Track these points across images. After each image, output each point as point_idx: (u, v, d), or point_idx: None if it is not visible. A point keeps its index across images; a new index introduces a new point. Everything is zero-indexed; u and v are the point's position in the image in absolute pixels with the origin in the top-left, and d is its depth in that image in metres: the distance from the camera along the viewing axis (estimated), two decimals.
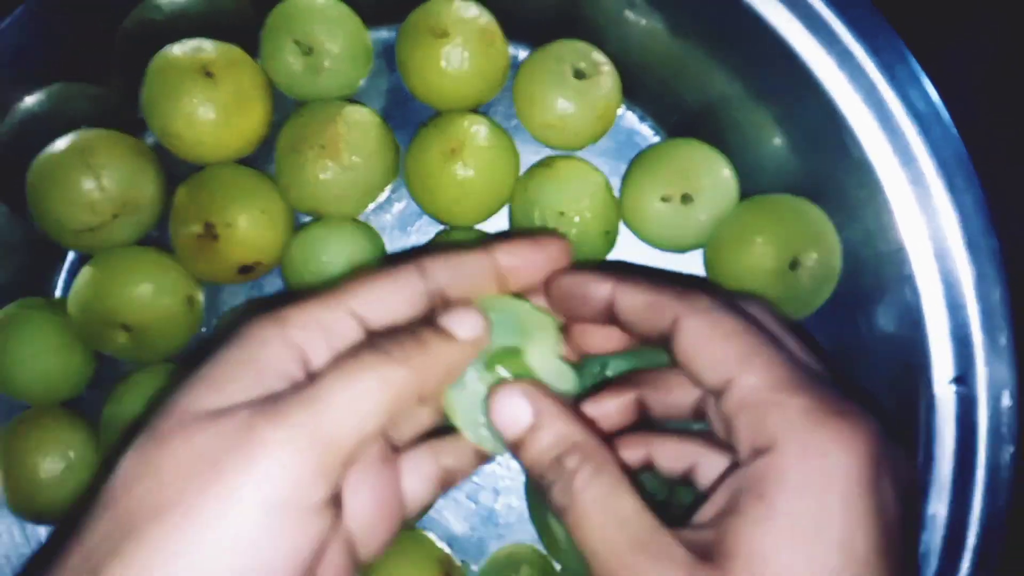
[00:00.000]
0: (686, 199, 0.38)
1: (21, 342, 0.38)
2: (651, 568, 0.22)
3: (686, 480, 0.28)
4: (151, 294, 0.38)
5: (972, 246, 0.34)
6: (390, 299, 0.26)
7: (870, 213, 0.35)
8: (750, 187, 0.39)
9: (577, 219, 0.38)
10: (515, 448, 0.26)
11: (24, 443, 0.38)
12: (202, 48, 0.38)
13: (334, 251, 0.38)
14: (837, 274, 0.37)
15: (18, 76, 0.37)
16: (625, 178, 0.40)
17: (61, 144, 0.37)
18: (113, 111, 0.40)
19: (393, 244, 0.42)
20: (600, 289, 0.27)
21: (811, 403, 0.23)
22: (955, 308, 0.34)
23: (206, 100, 0.37)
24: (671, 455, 0.28)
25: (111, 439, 0.38)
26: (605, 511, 0.23)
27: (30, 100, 0.38)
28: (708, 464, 0.27)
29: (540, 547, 0.41)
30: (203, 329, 0.41)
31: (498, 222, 0.41)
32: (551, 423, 0.25)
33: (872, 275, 0.36)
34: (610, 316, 0.28)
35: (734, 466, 0.25)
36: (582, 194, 0.38)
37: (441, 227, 0.42)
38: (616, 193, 0.40)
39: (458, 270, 0.27)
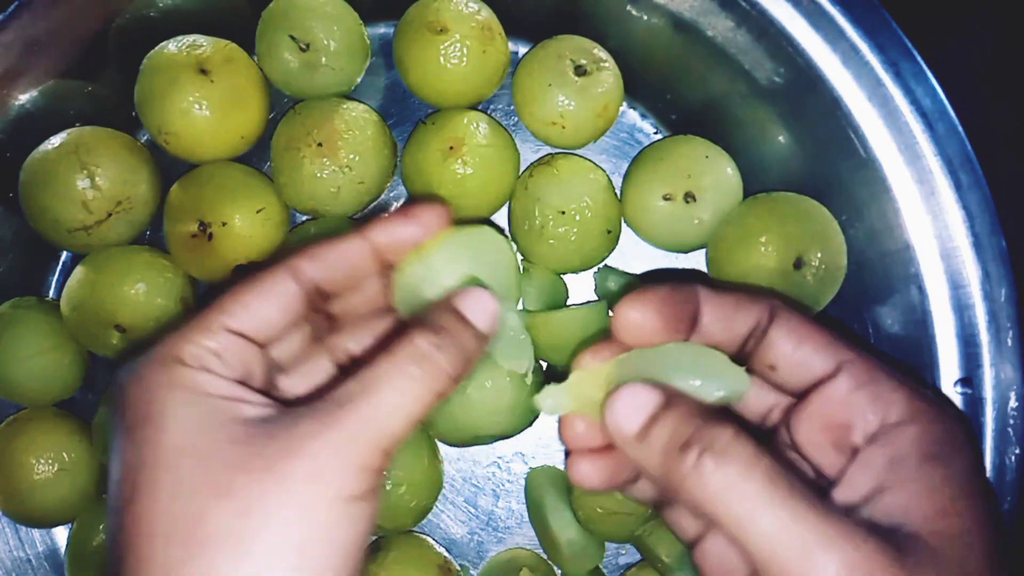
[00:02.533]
0: (688, 198, 0.37)
1: (13, 342, 0.38)
2: (842, 559, 0.21)
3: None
4: (145, 294, 0.37)
5: (978, 245, 0.34)
6: (264, 309, 0.26)
7: (875, 212, 0.35)
8: (754, 185, 0.39)
9: (578, 218, 0.37)
10: (641, 436, 0.25)
11: (16, 445, 0.38)
12: (197, 44, 0.37)
13: None
14: (842, 273, 0.36)
15: (12, 73, 0.37)
16: (627, 176, 0.40)
17: (55, 142, 0.37)
18: (107, 108, 0.40)
19: None
20: (688, 300, 0.27)
21: (920, 386, 0.25)
22: (961, 308, 0.34)
23: (201, 97, 0.36)
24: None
25: (105, 440, 0.38)
26: (776, 498, 0.22)
27: (24, 97, 0.38)
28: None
29: (540, 551, 0.41)
30: None
31: (498, 221, 0.41)
32: (684, 399, 0.25)
33: (878, 274, 0.36)
34: (691, 327, 0.27)
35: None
36: (583, 192, 0.38)
37: None
38: (617, 192, 0.40)
39: (332, 262, 0.28)
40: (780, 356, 0.26)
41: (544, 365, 0.40)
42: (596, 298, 0.40)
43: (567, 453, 0.39)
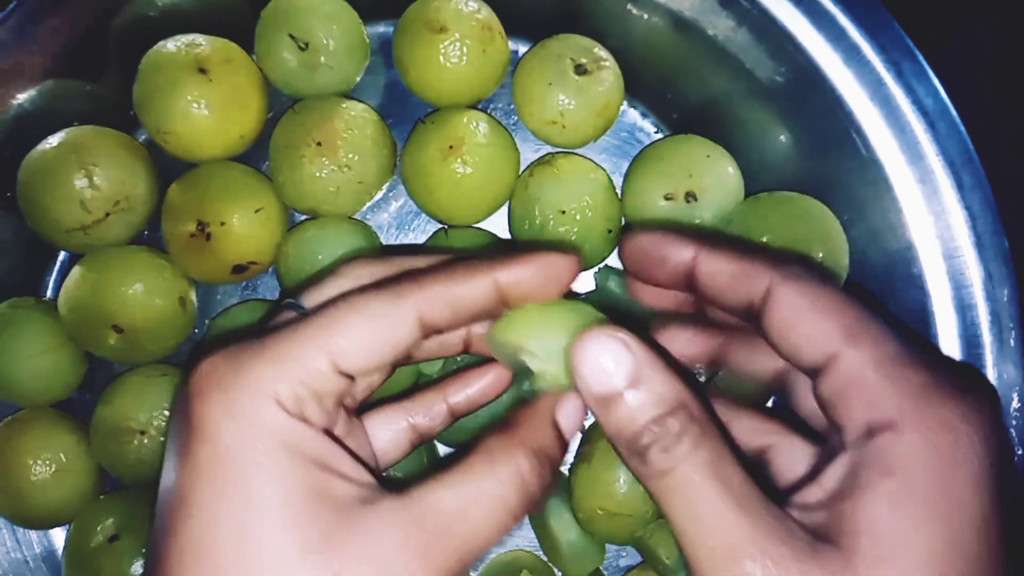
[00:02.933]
0: (690, 197, 0.37)
1: (11, 343, 0.38)
2: (766, 544, 0.21)
3: (756, 461, 0.27)
4: (143, 294, 0.37)
5: (981, 246, 0.34)
6: (378, 353, 0.23)
7: (877, 211, 0.35)
8: (755, 185, 0.39)
9: (578, 217, 0.37)
10: (601, 404, 0.23)
11: (14, 445, 0.38)
12: (196, 44, 0.37)
13: (330, 250, 0.38)
14: (844, 274, 0.36)
15: (10, 72, 0.37)
16: (627, 176, 0.40)
17: (53, 141, 0.37)
18: (106, 108, 0.40)
19: (391, 243, 0.42)
20: (682, 252, 0.25)
21: (931, 378, 0.22)
22: (964, 309, 0.34)
23: (200, 97, 0.36)
24: (749, 431, 0.27)
25: (103, 441, 0.38)
26: (712, 479, 0.21)
27: (22, 96, 0.37)
28: (786, 448, 0.26)
29: (540, 552, 0.40)
30: (196, 330, 0.41)
31: (498, 221, 0.41)
32: (654, 377, 0.23)
33: (879, 275, 0.36)
34: (689, 284, 0.26)
35: (827, 453, 0.23)
36: (583, 192, 0.38)
37: (440, 226, 0.41)
38: (618, 191, 0.40)
39: (453, 303, 0.24)
40: (776, 342, 0.24)
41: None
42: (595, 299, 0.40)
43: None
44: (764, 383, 0.28)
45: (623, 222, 0.39)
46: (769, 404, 0.39)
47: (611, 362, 0.23)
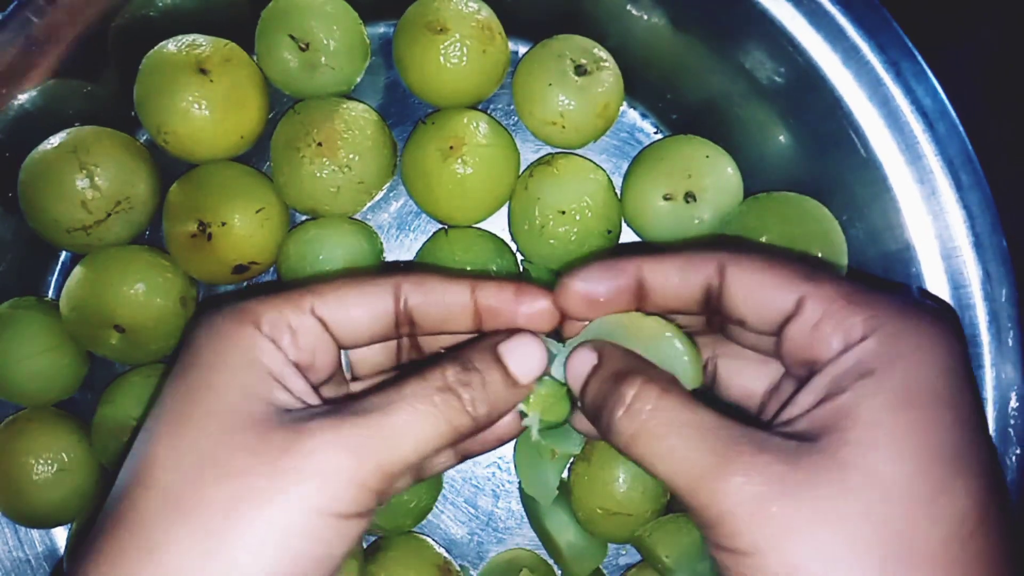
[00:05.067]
0: (689, 197, 0.37)
1: (13, 342, 0.38)
2: (749, 462, 0.21)
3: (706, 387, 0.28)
4: (144, 294, 0.37)
5: (979, 246, 0.34)
6: (355, 311, 0.27)
7: (876, 211, 0.35)
8: (754, 185, 0.39)
9: (578, 217, 0.37)
10: (582, 394, 0.26)
11: (16, 445, 0.38)
12: (197, 44, 0.37)
13: (331, 250, 0.38)
14: (843, 273, 0.36)
15: (11, 72, 0.37)
16: (627, 176, 0.40)
17: (54, 141, 0.37)
18: (106, 108, 0.40)
19: (391, 243, 0.42)
20: (624, 276, 0.26)
21: (891, 300, 0.24)
22: (962, 308, 0.34)
23: (200, 97, 0.36)
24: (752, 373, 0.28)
25: (104, 440, 0.38)
26: (682, 424, 0.23)
27: (23, 97, 0.38)
28: (733, 368, 0.28)
29: (540, 551, 0.40)
30: None
31: (498, 221, 0.41)
32: (611, 359, 0.26)
33: (878, 274, 0.36)
34: (640, 297, 0.27)
35: (794, 385, 0.25)
36: (583, 192, 0.38)
37: (440, 226, 0.41)
38: (618, 191, 0.40)
39: (433, 296, 0.27)
40: (742, 309, 0.25)
41: None
42: None
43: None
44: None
45: (619, 227, 0.39)
46: None
47: (585, 359, 0.26)
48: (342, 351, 0.28)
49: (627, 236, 0.40)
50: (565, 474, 0.39)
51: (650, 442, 0.23)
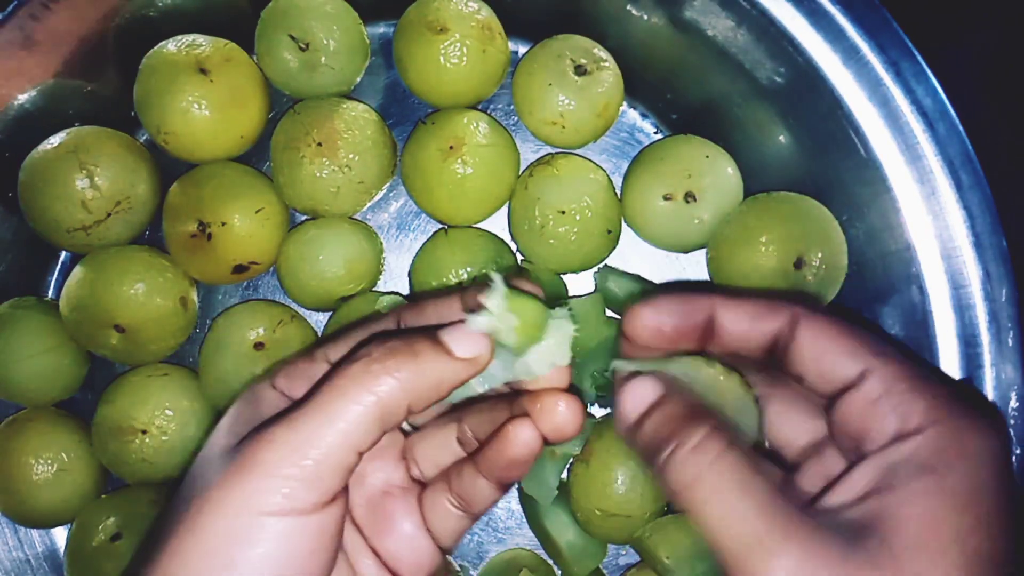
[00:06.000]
0: (689, 197, 0.37)
1: (13, 342, 0.38)
2: (801, 543, 0.21)
3: (791, 458, 0.28)
4: (144, 294, 0.37)
5: (979, 245, 0.34)
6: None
7: (876, 211, 0.35)
8: (754, 185, 0.39)
9: (578, 217, 0.37)
10: (638, 424, 0.25)
11: (16, 445, 0.38)
12: (197, 44, 0.37)
13: (331, 250, 0.38)
14: (843, 274, 0.36)
15: (11, 73, 0.37)
16: (627, 176, 0.40)
17: (54, 141, 0.37)
18: (106, 108, 0.40)
19: (391, 243, 0.42)
20: (699, 314, 0.26)
21: (949, 391, 0.24)
22: (962, 308, 0.34)
23: (200, 97, 0.36)
24: (798, 426, 0.28)
25: (104, 440, 0.38)
26: (740, 485, 0.23)
27: (23, 97, 0.38)
28: (781, 415, 0.28)
29: (540, 551, 0.40)
30: (197, 330, 0.41)
31: (498, 221, 0.41)
32: (681, 395, 0.25)
33: (878, 274, 0.36)
34: (706, 337, 0.27)
35: (855, 459, 0.24)
36: (583, 192, 0.38)
37: (440, 226, 0.41)
38: (618, 191, 0.40)
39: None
40: (805, 366, 0.25)
41: None
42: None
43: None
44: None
45: (619, 227, 0.39)
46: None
47: (643, 390, 0.26)
48: None
49: (627, 236, 0.40)
50: (564, 475, 0.39)
51: (707, 494, 0.23)
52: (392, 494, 0.28)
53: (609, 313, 0.39)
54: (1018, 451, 0.33)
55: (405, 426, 0.30)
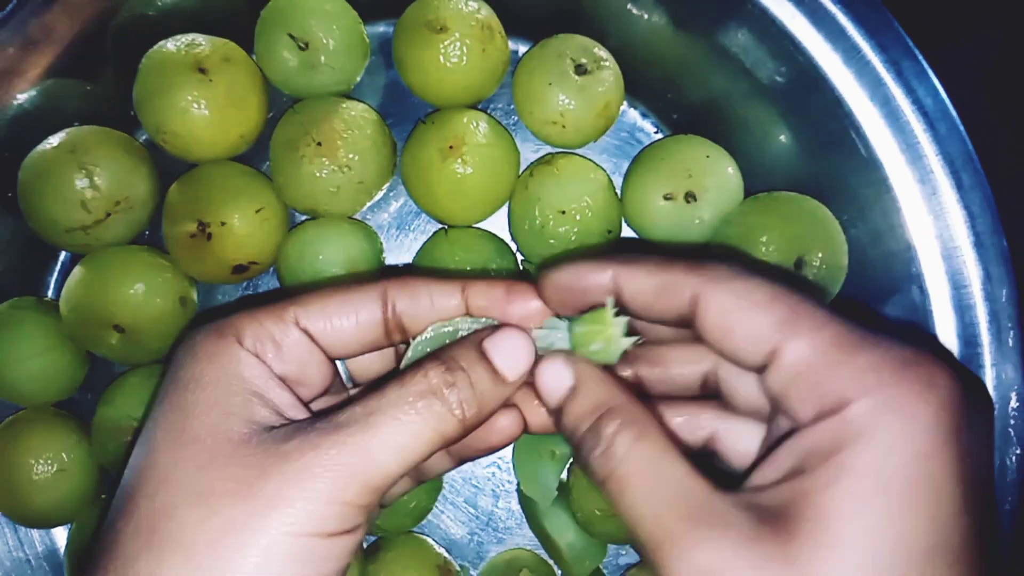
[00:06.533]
0: (689, 197, 0.37)
1: (12, 343, 0.38)
2: (708, 536, 0.21)
3: (706, 452, 0.27)
4: (144, 294, 0.37)
5: (980, 246, 0.34)
6: (341, 320, 0.26)
7: (876, 211, 0.35)
8: (755, 185, 0.38)
9: (578, 217, 0.37)
10: (556, 416, 0.25)
11: (15, 445, 0.38)
12: (196, 43, 0.37)
13: (331, 250, 0.38)
14: (843, 273, 0.36)
15: (10, 72, 0.37)
16: (627, 176, 0.40)
17: (53, 141, 0.37)
18: (105, 108, 0.40)
19: (391, 243, 0.42)
20: (600, 278, 0.25)
21: (877, 358, 0.21)
22: (962, 309, 0.34)
23: (200, 97, 0.36)
24: (691, 425, 0.27)
25: (104, 441, 0.38)
26: (651, 477, 0.22)
27: (22, 97, 0.37)
28: (733, 433, 0.27)
29: (540, 551, 0.40)
30: None
31: (498, 221, 0.41)
32: (591, 387, 0.25)
33: (879, 274, 0.36)
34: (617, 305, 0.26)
35: (777, 434, 0.23)
36: (583, 192, 0.38)
37: (440, 226, 0.41)
38: (618, 191, 0.40)
39: (421, 302, 0.27)
40: (719, 346, 0.24)
41: None
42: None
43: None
44: (692, 391, 0.28)
45: (619, 227, 0.39)
46: None
47: (559, 376, 0.25)
48: (337, 361, 0.28)
49: (628, 235, 0.40)
50: (564, 475, 0.39)
51: (620, 488, 0.22)
52: None
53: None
54: (1018, 451, 0.33)
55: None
